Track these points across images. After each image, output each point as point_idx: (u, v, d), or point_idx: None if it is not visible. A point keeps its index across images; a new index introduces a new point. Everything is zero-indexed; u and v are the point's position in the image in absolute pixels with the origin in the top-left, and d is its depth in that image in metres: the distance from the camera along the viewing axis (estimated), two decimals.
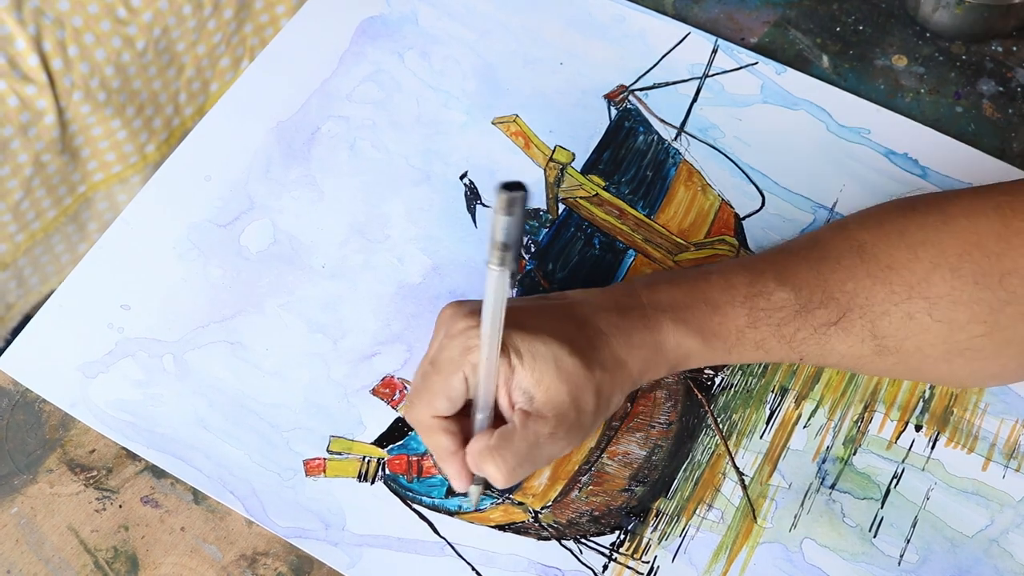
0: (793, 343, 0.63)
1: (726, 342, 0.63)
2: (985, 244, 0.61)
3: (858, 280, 0.62)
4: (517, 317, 0.59)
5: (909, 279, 0.61)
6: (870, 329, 0.62)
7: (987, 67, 0.80)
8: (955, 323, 0.61)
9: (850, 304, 0.62)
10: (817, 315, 0.62)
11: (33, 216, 1.16)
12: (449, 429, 0.60)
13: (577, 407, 0.59)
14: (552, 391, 0.59)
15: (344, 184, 0.76)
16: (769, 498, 0.66)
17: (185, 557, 0.65)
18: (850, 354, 0.63)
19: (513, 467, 0.59)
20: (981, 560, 0.64)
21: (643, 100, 0.79)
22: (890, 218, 0.64)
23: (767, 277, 0.63)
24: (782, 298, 0.62)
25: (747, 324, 0.62)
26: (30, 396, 0.70)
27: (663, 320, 0.62)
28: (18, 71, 1.05)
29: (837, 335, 0.62)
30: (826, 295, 0.62)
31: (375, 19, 0.83)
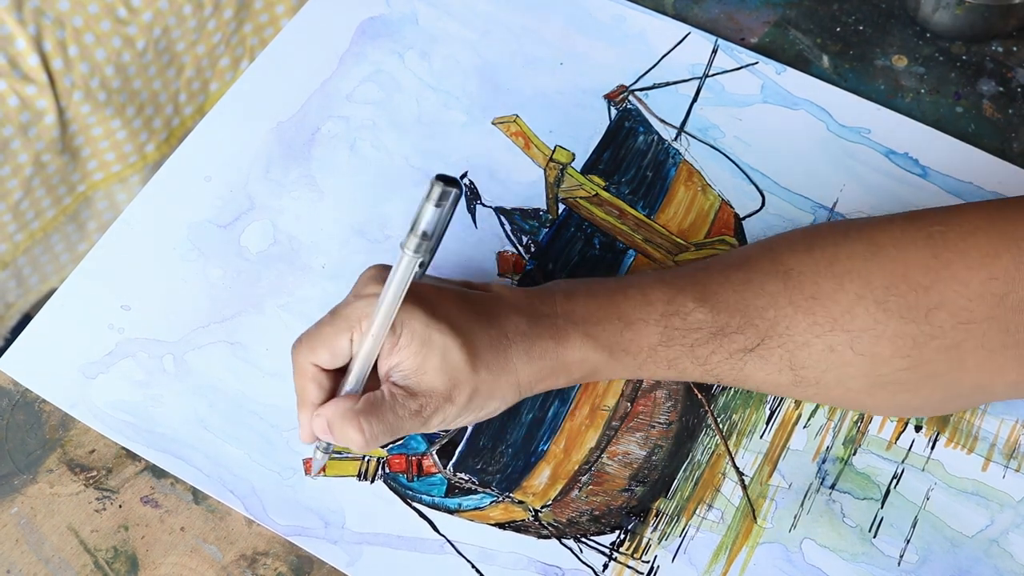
0: (707, 365, 0.62)
1: (636, 358, 0.62)
2: (912, 276, 0.59)
3: (779, 308, 0.60)
4: (430, 298, 0.60)
5: (833, 311, 0.60)
6: (788, 359, 0.61)
7: (987, 67, 0.80)
8: (878, 357, 0.60)
9: (769, 332, 0.61)
10: (734, 339, 0.61)
11: (33, 215, 1.16)
12: (319, 381, 0.60)
13: (449, 398, 0.60)
14: (429, 378, 0.59)
15: (344, 184, 0.76)
16: (769, 498, 0.66)
17: (185, 557, 0.65)
18: (768, 381, 0.62)
19: (375, 434, 0.59)
20: (981, 560, 0.64)
21: (643, 100, 0.79)
22: (820, 244, 0.63)
23: (686, 295, 0.62)
24: (699, 319, 0.61)
25: (660, 342, 0.62)
26: (30, 396, 0.70)
27: (572, 333, 0.62)
28: (18, 71, 1.05)
29: (753, 362, 0.61)
30: (745, 320, 0.61)
31: (375, 19, 0.83)
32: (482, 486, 0.67)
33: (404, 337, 0.59)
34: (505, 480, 0.67)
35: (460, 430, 0.68)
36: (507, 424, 0.68)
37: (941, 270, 0.59)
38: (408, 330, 0.59)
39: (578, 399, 0.69)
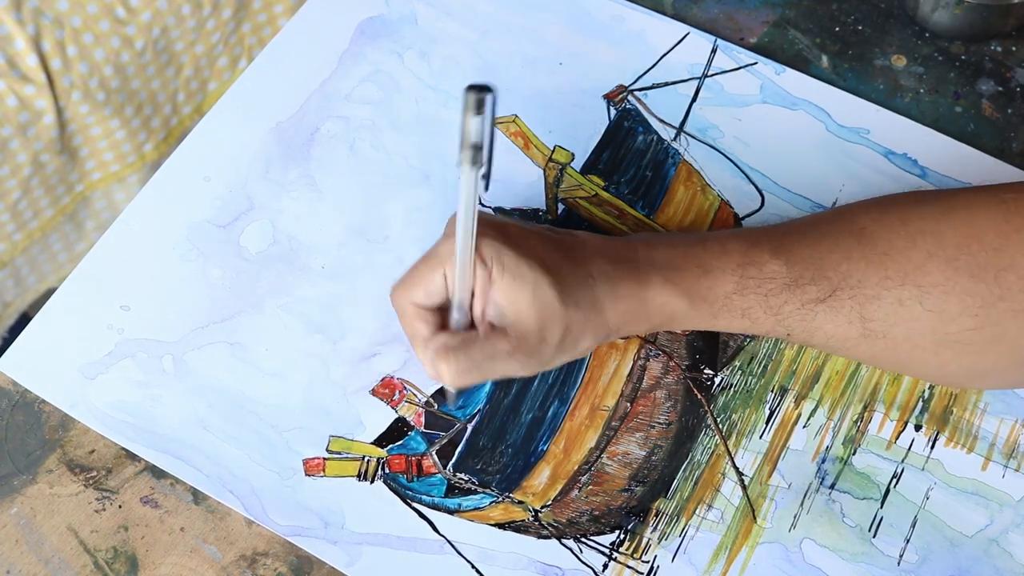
0: (780, 315, 0.63)
1: (712, 306, 0.63)
2: (984, 237, 0.60)
3: (853, 261, 0.62)
4: (516, 237, 0.61)
5: (904, 266, 0.61)
6: (859, 311, 0.62)
7: (986, 67, 0.80)
8: (946, 314, 0.60)
9: (841, 284, 0.62)
10: (807, 291, 0.62)
11: (31, 215, 1.16)
12: (425, 318, 0.62)
13: (541, 336, 0.60)
14: (522, 314, 0.60)
15: (344, 184, 0.76)
16: (769, 498, 0.66)
17: (185, 557, 0.65)
18: (837, 335, 0.63)
19: (463, 371, 0.60)
20: (981, 560, 0.64)
21: (642, 100, 0.79)
22: (894, 206, 0.64)
23: (762, 248, 0.63)
24: (773, 270, 0.63)
25: (735, 291, 0.63)
26: (30, 396, 0.70)
27: (653, 277, 0.63)
28: (17, 71, 1.05)
29: (824, 313, 0.62)
30: (818, 272, 0.62)
31: (374, 19, 0.83)
32: (482, 486, 0.67)
33: (495, 271, 0.60)
34: (505, 480, 0.67)
35: (460, 431, 0.68)
36: (507, 424, 0.68)
37: (1012, 234, 0.60)
38: (498, 264, 0.60)
39: (578, 399, 0.69)
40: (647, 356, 0.70)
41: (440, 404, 0.69)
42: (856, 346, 0.63)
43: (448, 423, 0.68)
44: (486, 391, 0.69)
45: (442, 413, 0.69)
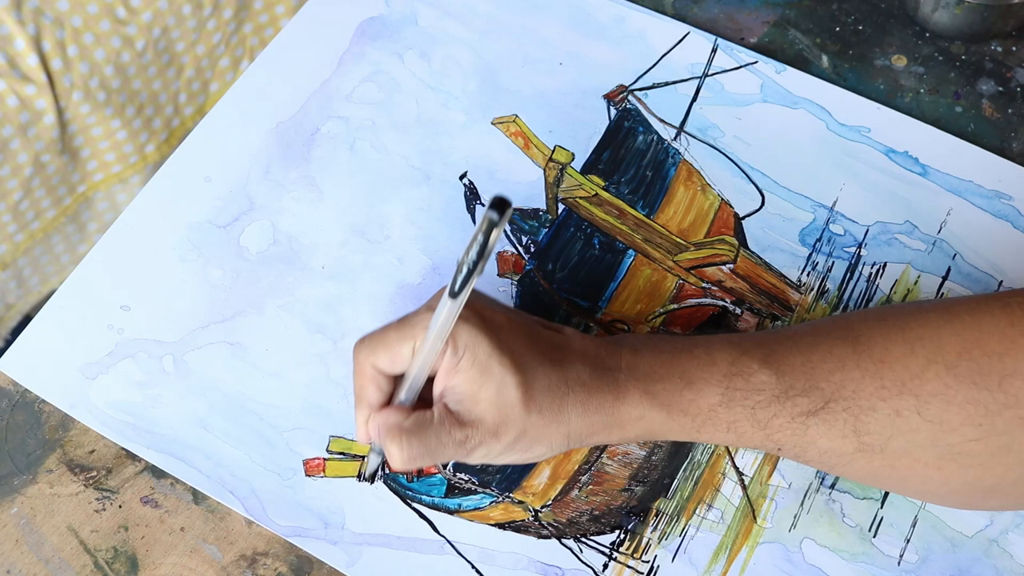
0: (768, 430, 0.60)
1: (695, 420, 0.61)
2: (987, 343, 0.57)
3: (847, 371, 0.59)
4: (499, 329, 0.59)
5: (902, 374, 0.58)
6: (852, 424, 0.58)
7: (987, 67, 0.80)
8: (946, 424, 0.57)
9: (835, 395, 0.59)
10: (797, 402, 0.59)
11: (33, 216, 1.16)
12: (379, 384, 0.60)
13: (495, 434, 0.59)
14: (481, 408, 0.59)
15: (344, 184, 0.76)
16: (769, 498, 0.66)
17: (185, 557, 0.65)
18: (831, 449, 0.60)
19: (414, 456, 0.59)
20: (981, 560, 0.64)
21: (643, 100, 0.79)
22: (892, 313, 0.62)
23: (752, 357, 0.61)
24: (762, 380, 0.60)
25: (720, 403, 0.60)
26: (30, 396, 0.70)
27: (632, 389, 0.61)
28: (18, 71, 1.05)
29: (817, 426, 0.59)
30: (810, 383, 0.59)
31: (375, 20, 0.83)
32: (482, 486, 0.67)
33: (465, 360, 0.58)
34: (505, 480, 0.67)
35: None
36: None
37: (1018, 338, 0.57)
38: (470, 354, 0.58)
39: None
40: None
41: None
42: (852, 462, 0.60)
43: None
44: None
45: None
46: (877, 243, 0.73)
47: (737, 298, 0.72)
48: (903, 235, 0.74)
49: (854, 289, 0.72)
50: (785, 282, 0.73)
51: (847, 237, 0.74)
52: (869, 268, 0.73)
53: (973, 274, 0.72)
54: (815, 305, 0.72)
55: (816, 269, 0.73)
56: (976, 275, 0.72)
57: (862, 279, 0.72)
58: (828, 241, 0.74)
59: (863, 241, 0.73)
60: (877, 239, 0.74)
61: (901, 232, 0.74)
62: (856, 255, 0.73)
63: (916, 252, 0.73)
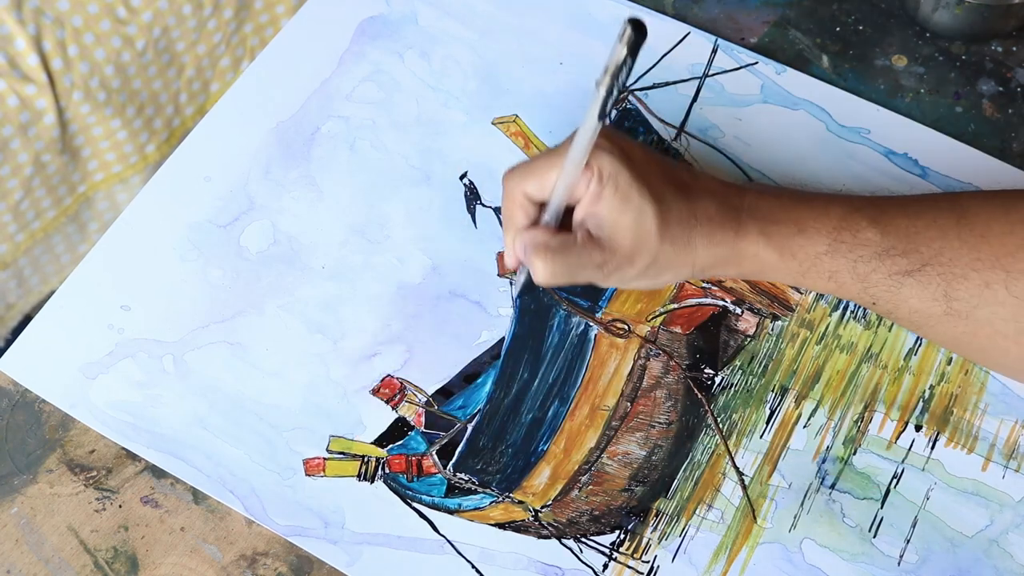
0: (866, 283, 0.64)
1: (801, 264, 0.64)
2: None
3: (947, 240, 0.63)
4: (637, 160, 0.62)
5: (998, 250, 0.62)
6: (944, 288, 0.62)
7: (987, 67, 0.80)
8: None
9: (932, 259, 0.62)
10: (896, 261, 0.63)
11: (33, 216, 1.16)
12: (527, 209, 0.63)
13: (631, 258, 0.62)
14: (620, 234, 0.62)
15: (344, 184, 0.76)
16: (769, 498, 0.66)
17: (185, 557, 0.65)
18: (921, 310, 0.63)
19: (555, 272, 0.62)
20: (981, 560, 0.64)
21: (643, 100, 0.79)
22: (1001, 196, 0.65)
23: (861, 215, 0.64)
24: (867, 237, 0.63)
25: (826, 252, 0.64)
26: (30, 396, 0.70)
27: (750, 228, 0.64)
28: (18, 71, 1.05)
29: (911, 286, 0.63)
30: (911, 245, 0.63)
31: (375, 19, 0.83)
32: (482, 486, 0.67)
33: (608, 189, 0.61)
34: (505, 480, 0.67)
35: (460, 431, 0.68)
36: (507, 424, 0.68)
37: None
38: (612, 183, 0.61)
39: (578, 399, 0.69)
40: (647, 356, 0.70)
41: (440, 404, 0.69)
42: (938, 324, 0.64)
43: (448, 423, 0.69)
44: (486, 391, 0.69)
45: (442, 413, 0.69)
46: None
47: (737, 298, 0.72)
48: None
49: None
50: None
51: None
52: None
53: None
54: (815, 305, 0.72)
55: None
56: None
57: None
58: None
59: None
60: None
61: None
62: None
63: None
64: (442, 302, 0.72)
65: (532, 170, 0.63)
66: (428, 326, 0.71)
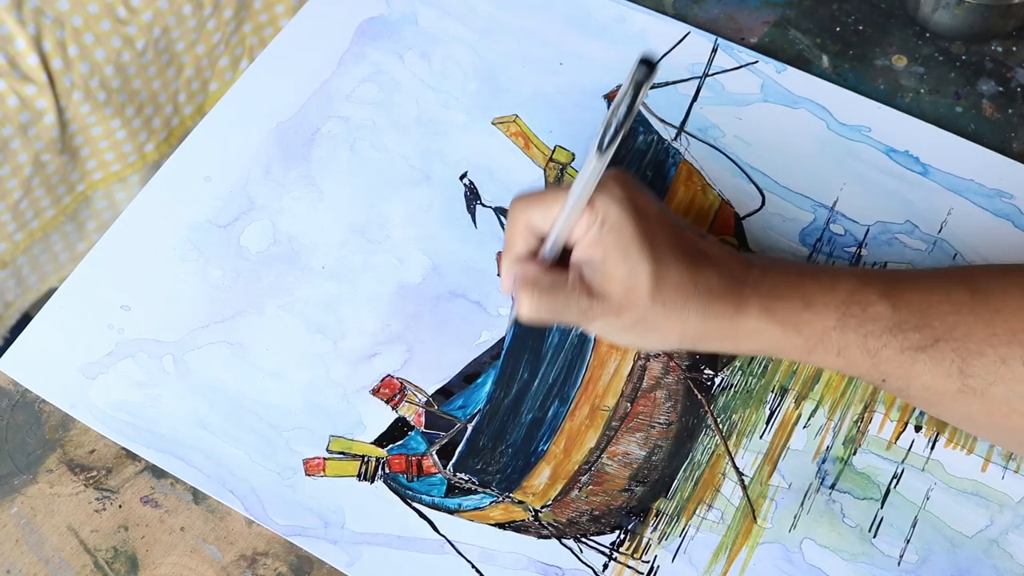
0: (877, 359, 0.61)
1: (808, 340, 0.62)
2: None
3: (961, 314, 0.60)
4: (648, 217, 0.61)
5: (1014, 325, 0.59)
6: (959, 365, 0.60)
7: (987, 67, 0.80)
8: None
9: (945, 335, 0.60)
10: (909, 336, 0.61)
11: (32, 215, 1.16)
12: (527, 239, 0.63)
13: (618, 312, 0.61)
14: (612, 287, 0.61)
15: (344, 184, 0.76)
16: (769, 498, 0.66)
17: (185, 557, 0.65)
18: (934, 387, 0.61)
19: (540, 310, 0.61)
20: (981, 560, 0.64)
21: (643, 100, 0.79)
22: (1016, 271, 0.63)
23: (871, 288, 0.62)
24: (878, 311, 0.61)
25: (835, 326, 0.62)
26: (30, 396, 0.70)
27: (753, 304, 0.62)
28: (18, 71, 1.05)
29: (924, 362, 0.60)
30: (923, 320, 0.61)
31: (375, 20, 0.83)
32: (482, 486, 0.67)
33: (608, 237, 0.61)
34: (505, 480, 0.67)
35: (460, 431, 0.68)
36: (507, 424, 0.68)
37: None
38: (615, 234, 0.60)
39: (578, 399, 0.69)
40: (647, 356, 0.70)
41: (440, 404, 0.69)
42: (952, 402, 0.61)
43: (448, 423, 0.69)
44: (486, 391, 0.69)
45: (442, 413, 0.69)
46: (877, 243, 0.73)
47: None
48: (903, 235, 0.74)
49: None
50: None
51: (847, 237, 0.74)
52: (870, 268, 0.73)
53: None
54: None
55: None
56: None
57: None
58: (828, 241, 0.74)
59: (863, 241, 0.73)
60: (877, 239, 0.74)
61: (901, 232, 0.74)
62: (856, 255, 0.73)
63: (916, 252, 0.73)
64: (442, 302, 0.72)
65: (538, 201, 0.62)
66: (428, 326, 0.71)
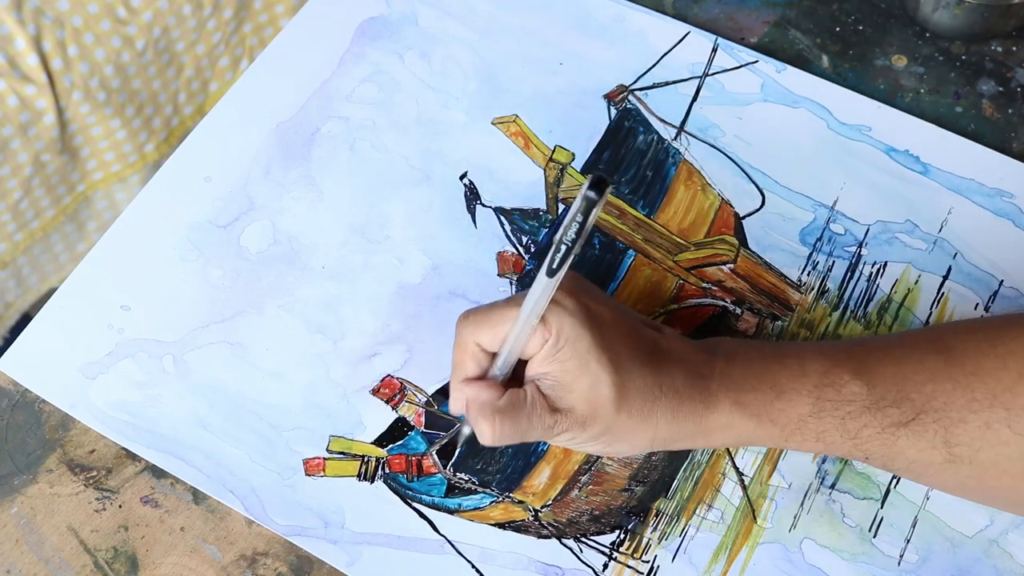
0: (858, 440, 0.60)
1: (784, 429, 0.61)
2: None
3: (938, 383, 0.59)
4: (604, 324, 0.59)
5: (993, 388, 0.58)
6: (943, 435, 0.59)
7: (987, 67, 0.80)
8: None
9: (925, 406, 0.59)
10: (888, 413, 0.59)
11: (32, 215, 1.16)
12: (478, 359, 0.61)
13: (583, 425, 0.60)
14: (573, 400, 0.59)
15: (344, 184, 0.76)
16: (769, 498, 0.66)
17: (185, 557, 0.65)
18: (919, 460, 0.60)
19: (504, 435, 0.59)
20: (981, 560, 0.64)
21: (643, 100, 0.79)
22: (983, 327, 0.62)
23: (843, 368, 0.61)
24: (853, 391, 0.60)
25: (810, 413, 0.60)
26: (30, 396, 0.70)
27: (722, 399, 0.61)
28: (18, 71, 1.05)
29: (906, 437, 0.59)
30: (901, 394, 0.59)
31: (375, 20, 0.83)
32: (482, 486, 0.67)
33: (564, 351, 0.58)
34: (505, 480, 0.67)
35: (460, 431, 0.68)
36: None
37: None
38: (571, 347, 0.58)
39: None
40: None
41: (440, 404, 0.69)
42: (940, 472, 0.60)
43: (448, 423, 0.68)
44: None
45: (442, 413, 0.69)
46: (878, 242, 0.73)
47: (737, 298, 0.72)
48: (904, 234, 0.74)
49: (855, 289, 0.72)
50: (785, 282, 0.73)
51: (848, 236, 0.74)
52: (870, 267, 0.73)
53: (974, 273, 0.72)
54: (815, 305, 0.72)
55: (816, 269, 0.73)
56: (977, 274, 0.72)
57: (863, 279, 0.72)
58: (829, 240, 0.74)
59: (864, 240, 0.73)
60: (878, 238, 0.74)
61: (902, 231, 0.74)
62: (857, 254, 0.73)
63: (917, 251, 0.73)
64: (442, 302, 0.72)
65: (486, 319, 0.60)
66: (428, 326, 0.71)
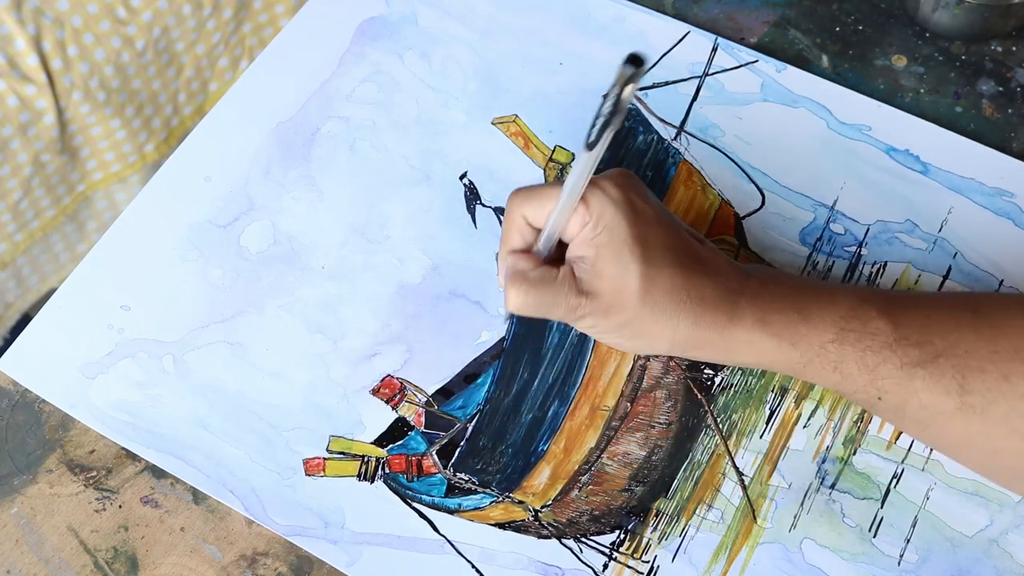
0: (875, 375, 0.60)
1: (804, 355, 0.61)
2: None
3: (962, 332, 0.59)
4: (648, 221, 0.61)
5: (1017, 343, 0.58)
6: (959, 381, 0.58)
7: (987, 67, 0.80)
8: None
9: (946, 351, 0.59)
10: (908, 352, 0.59)
11: (32, 215, 1.16)
12: (523, 232, 0.62)
13: (606, 312, 0.61)
14: (601, 286, 0.60)
15: (344, 184, 0.76)
16: (769, 498, 0.66)
17: (185, 557, 0.65)
18: (932, 404, 0.59)
19: (528, 305, 0.61)
20: (981, 560, 0.64)
21: (643, 100, 0.79)
22: (1017, 296, 0.63)
23: (871, 304, 0.61)
24: (878, 327, 0.60)
25: (832, 340, 0.60)
26: (30, 396, 0.70)
27: (747, 315, 0.61)
28: (18, 71, 1.05)
29: (923, 378, 0.59)
30: (924, 336, 0.59)
31: (375, 20, 0.83)
32: (482, 486, 0.67)
33: (602, 236, 0.60)
34: (505, 480, 0.67)
35: (460, 431, 0.68)
36: (507, 424, 0.68)
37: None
38: (608, 234, 0.60)
39: (578, 399, 0.69)
40: (647, 356, 0.70)
41: (440, 404, 0.69)
42: (950, 421, 0.59)
43: (448, 423, 0.69)
44: (486, 391, 0.69)
45: (442, 413, 0.69)
46: (878, 242, 0.73)
47: None
48: (904, 234, 0.74)
49: None
50: None
51: (847, 236, 0.74)
52: (870, 267, 0.73)
53: (974, 273, 0.72)
54: None
55: (816, 269, 0.73)
56: (977, 274, 0.72)
57: (863, 278, 0.72)
58: (828, 240, 0.74)
59: (864, 240, 0.73)
60: (878, 238, 0.74)
61: (902, 231, 0.74)
62: (856, 254, 0.73)
63: (917, 251, 0.73)
64: (442, 302, 0.72)
65: (534, 195, 0.62)
66: (428, 326, 0.71)
